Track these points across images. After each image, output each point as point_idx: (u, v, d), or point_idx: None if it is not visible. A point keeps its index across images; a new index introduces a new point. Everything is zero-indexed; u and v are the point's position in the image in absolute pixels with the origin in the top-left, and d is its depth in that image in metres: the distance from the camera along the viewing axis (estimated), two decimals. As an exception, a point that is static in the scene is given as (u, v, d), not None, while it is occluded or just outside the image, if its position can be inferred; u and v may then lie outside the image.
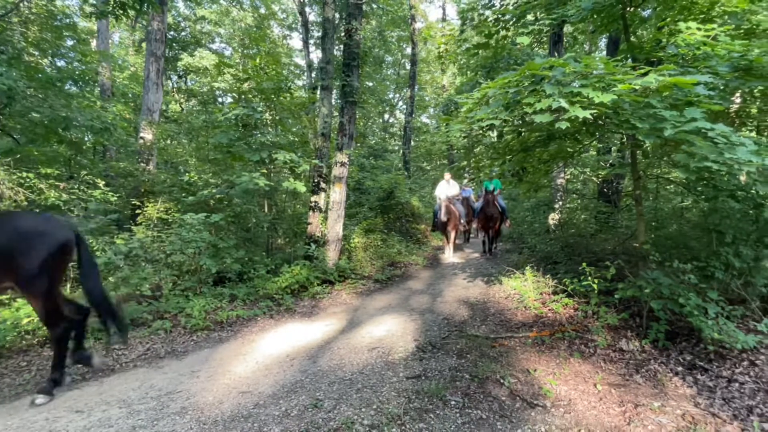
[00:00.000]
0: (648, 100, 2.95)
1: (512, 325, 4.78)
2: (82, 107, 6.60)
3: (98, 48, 12.24)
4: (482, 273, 7.73)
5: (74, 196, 6.88)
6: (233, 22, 20.36)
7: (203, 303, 5.27)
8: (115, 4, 6.58)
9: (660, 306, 3.74)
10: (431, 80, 24.94)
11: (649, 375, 3.39)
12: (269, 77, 7.83)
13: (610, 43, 8.72)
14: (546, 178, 6.57)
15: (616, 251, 5.87)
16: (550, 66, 2.90)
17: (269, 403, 3.09)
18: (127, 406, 3.14)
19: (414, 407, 2.92)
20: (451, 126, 3.76)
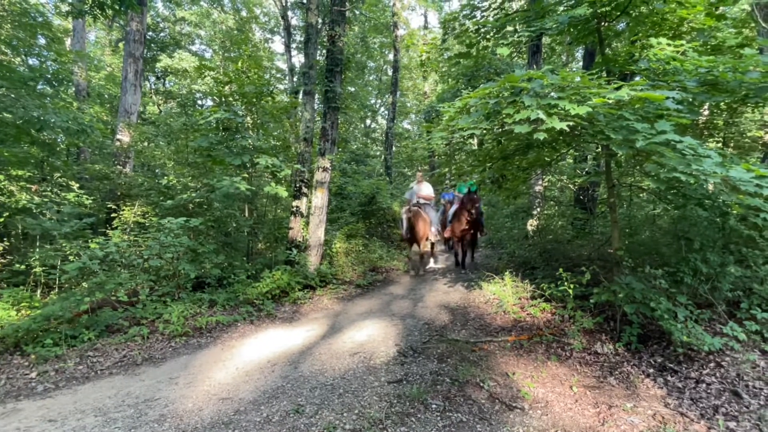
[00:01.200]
0: (621, 113, 3.08)
1: (492, 329, 4.86)
2: (58, 108, 6.44)
3: (73, 47, 11.94)
4: (462, 278, 7.82)
5: (47, 198, 6.70)
6: (214, 24, 20.18)
7: (182, 309, 5.20)
8: (94, 4, 6.46)
9: (633, 310, 3.86)
10: (413, 87, 25.18)
11: (622, 377, 3.50)
12: (251, 81, 7.80)
13: (586, 55, 9.00)
14: (525, 185, 6.72)
15: (592, 257, 6.03)
16: (528, 78, 3.00)
17: (250, 409, 3.07)
18: (103, 414, 3.08)
19: (395, 411, 2.95)
20: (433, 133, 3.83)
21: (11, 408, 3.23)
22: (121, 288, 5.22)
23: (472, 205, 7.56)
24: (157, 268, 5.90)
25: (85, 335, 4.56)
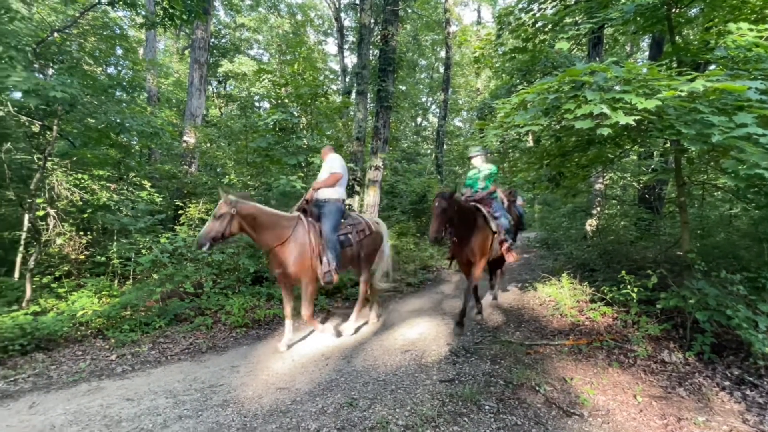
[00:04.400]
0: (694, 105, 2.87)
1: (547, 332, 4.71)
2: (134, 113, 6.99)
3: (145, 56, 12.89)
4: (516, 279, 7.63)
5: (123, 196, 7.28)
6: (271, 28, 20.96)
7: (242, 301, 5.46)
8: (165, 15, 6.94)
9: (706, 317, 3.60)
10: (465, 84, 24.78)
11: (693, 388, 3.27)
12: (306, 83, 8.04)
13: (653, 44, 8.44)
14: (584, 183, 6.42)
15: (658, 259, 5.67)
16: (591, 71, 2.86)
17: (306, 400, 3.18)
18: (173, 396, 3.32)
19: (448, 410, 2.95)
20: (487, 131, 3.76)
21: (95, 386, 3.56)
22: (188, 280, 5.58)
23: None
24: (220, 262, 6.26)
25: (156, 323, 4.92)
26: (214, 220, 3.91)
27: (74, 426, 2.87)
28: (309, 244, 4.30)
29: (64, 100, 4.59)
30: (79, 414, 3.04)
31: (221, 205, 3.95)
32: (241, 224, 4.01)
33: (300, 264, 4.23)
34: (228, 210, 3.93)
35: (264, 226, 4.14)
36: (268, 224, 4.16)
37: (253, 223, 4.08)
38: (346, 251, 4.66)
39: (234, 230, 3.99)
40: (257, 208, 4.14)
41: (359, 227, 4.88)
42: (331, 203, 4.62)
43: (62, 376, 3.77)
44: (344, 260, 4.63)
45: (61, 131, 6.98)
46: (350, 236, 4.73)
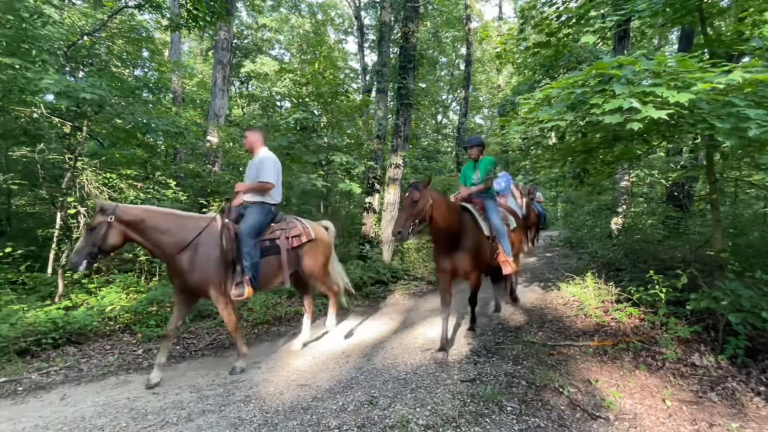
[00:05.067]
0: (729, 99, 2.75)
1: (571, 333, 4.61)
2: (160, 113, 7.16)
3: (170, 57, 13.16)
4: (539, 278, 7.50)
5: (149, 195, 7.46)
6: (292, 28, 21.15)
7: (263, 298, 5.54)
8: (188, 17, 7.07)
9: (739, 319, 3.46)
10: (486, 80, 24.50)
11: (725, 393, 3.15)
12: (327, 81, 8.07)
13: (682, 37, 8.14)
14: (609, 180, 6.26)
15: (687, 259, 5.48)
16: (619, 64, 2.77)
17: (326, 397, 3.20)
18: (197, 391, 3.38)
19: (469, 410, 2.91)
20: (509, 127, 3.70)
21: (123, 379, 3.66)
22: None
23: None
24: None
25: (181, 319, 5.03)
26: (88, 233, 3.28)
27: (103, 418, 2.95)
28: (220, 250, 3.61)
29: (93, 102, 4.73)
30: (108, 406, 3.13)
31: (97, 214, 3.32)
32: (125, 233, 3.35)
33: (203, 273, 3.51)
34: (103, 219, 3.28)
35: (158, 231, 3.46)
36: (164, 228, 3.48)
37: (141, 228, 3.41)
38: (271, 261, 3.90)
39: (115, 241, 3.32)
40: (145, 210, 3.49)
41: (292, 232, 4.09)
42: (256, 204, 3.94)
43: (92, 369, 3.89)
44: (267, 271, 3.88)
45: (91, 132, 7.20)
46: (278, 242, 3.97)
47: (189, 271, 3.49)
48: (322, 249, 4.34)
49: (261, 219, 3.87)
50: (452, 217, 3.98)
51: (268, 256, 3.89)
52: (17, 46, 5.02)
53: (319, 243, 4.30)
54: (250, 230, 3.74)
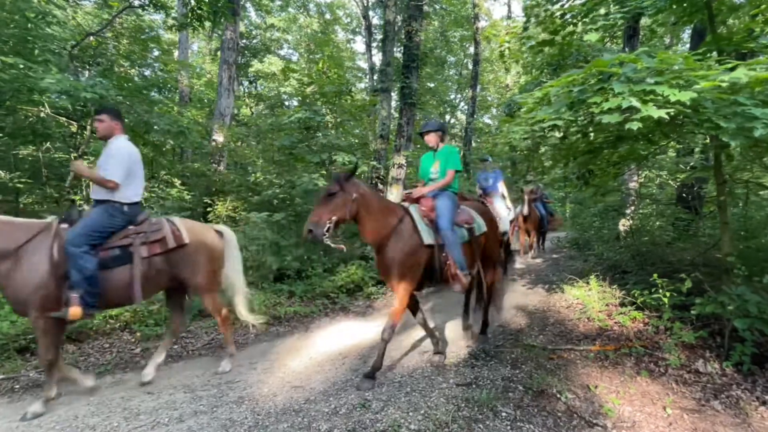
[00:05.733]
0: (735, 98, 2.66)
1: (573, 336, 4.52)
2: (162, 113, 7.20)
3: (179, 57, 13.28)
4: (543, 280, 7.39)
5: (154, 194, 7.51)
6: (300, 28, 21.20)
7: (263, 298, 5.52)
8: (193, 17, 7.10)
9: (746, 325, 3.35)
10: (494, 80, 24.33)
11: (729, 402, 3.05)
12: (331, 81, 8.05)
13: (694, 35, 7.96)
14: (615, 181, 6.14)
15: (696, 262, 5.36)
16: (620, 62, 2.70)
17: (320, 399, 3.16)
18: (191, 391, 3.37)
19: (463, 415, 2.86)
20: (509, 127, 3.63)
21: (118, 378, 3.66)
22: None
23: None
24: (244, 259, 6.34)
25: (180, 318, 5.02)
26: None
27: (96, 417, 2.95)
28: (48, 261, 3.01)
29: (94, 101, 4.75)
30: (102, 405, 3.13)
31: None
32: None
33: (19, 289, 2.95)
34: None
35: None
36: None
37: None
38: (119, 273, 3.22)
39: None
40: None
41: (153, 236, 3.35)
42: (100, 204, 3.27)
43: (89, 367, 3.90)
44: (115, 285, 3.21)
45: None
46: (131, 250, 3.26)
47: (4, 286, 2.97)
48: (207, 257, 3.57)
49: (98, 222, 3.20)
50: (382, 218, 3.42)
51: (117, 268, 3.22)
52: (22, 46, 5.07)
53: (201, 249, 3.53)
54: (76, 237, 3.07)
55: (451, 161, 3.89)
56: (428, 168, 4.02)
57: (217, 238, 3.80)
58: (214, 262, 3.68)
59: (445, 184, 3.85)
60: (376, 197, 3.55)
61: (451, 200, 3.79)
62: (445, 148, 3.98)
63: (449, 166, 3.87)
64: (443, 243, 3.57)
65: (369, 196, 3.44)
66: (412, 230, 3.53)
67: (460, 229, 3.78)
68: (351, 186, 3.33)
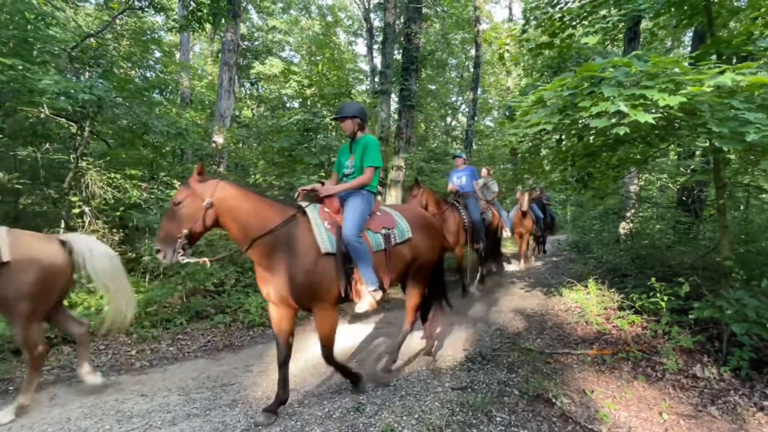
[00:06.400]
0: (729, 101, 2.64)
1: (570, 340, 4.50)
2: (161, 114, 7.21)
3: (181, 59, 13.29)
4: (542, 283, 7.37)
5: (153, 195, 7.51)
6: (301, 30, 21.24)
7: (260, 300, 5.51)
8: (193, 19, 7.12)
9: (744, 330, 3.32)
10: (495, 82, 24.33)
11: (727, 407, 3.03)
12: (330, 83, 8.06)
13: (695, 38, 7.95)
14: (614, 184, 6.11)
15: (696, 266, 5.33)
16: (612, 65, 2.68)
17: (313, 402, 3.15)
18: (185, 394, 3.36)
19: (457, 420, 2.84)
20: (505, 130, 3.62)
21: (113, 380, 3.66)
22: (212, 278, 5.68)
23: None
24: (244, 260, 6.35)
25: (177, 320, 5.03)
26: None
27: (88, 420, 2.95)
28: None
29: (92, 102, 4.76)
30: (95, 408, 3.12)
31: None
32: None
33: None
34: None
35: None
36: None
37: None
38: None
39: None
40: None
41: None
42: None
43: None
44: None
45: (97, 132, 7.29)
46: None
47: None
48: (37, 277, 2.96)
49: None
50: (257, 222, 2.80)
51: None
52: (21, 47, 5.09)
53: (29, 268, 2.93)
54: None
55: (368, 156, 3.27)
56: (344, 161, 3.47)
57: (59, 253, 3.14)
58: (49, 282, 3.03)
59: (359, 183, 3.26)
60: (246, 198, 2.86)
61: (364, 201, 3.22)
62: (362, 139, 3.36)
63: (366, 162, 3.26)
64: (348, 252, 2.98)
65: (233, 197, 2.80)
66: (306, 236, 2.89)
67: (375, 235, 3.22)
68: (204, 189, 2.75)
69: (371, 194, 3.38)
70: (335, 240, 2.95)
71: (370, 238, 3.18)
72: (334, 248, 2.93)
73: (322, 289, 2.91)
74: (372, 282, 3.05)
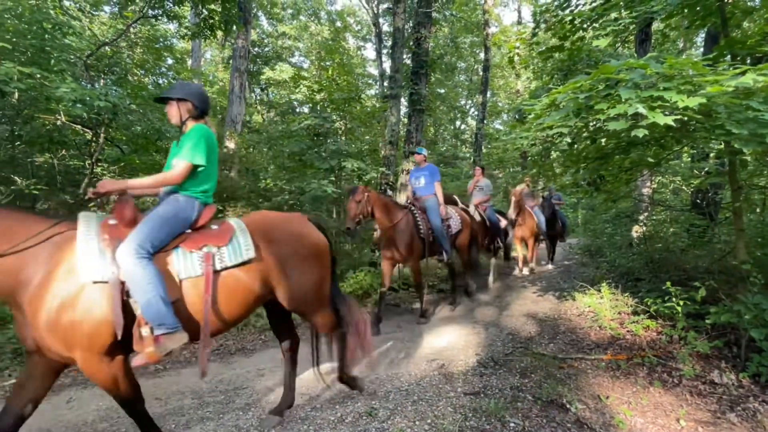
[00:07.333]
0: (748, 103, 2.61)
1: (584, 345, 4.45)
2: (173, 120, 7.32)
3: (192, 66, 13.51)
4: (554, 287, 7.31)
5: (165, 200, 7.61)
6: (311, 36, 21.43)
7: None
8: (205, 26, 7.23)
9: (763, 335, 3.27)
10: (505, 85, 24.30)
11: (746, 414, 2.96)
12: (340, 88, 8.11)
13: (708, 39, 7.85)
14: (627, 187, 6.05)
15: (712, 269, 5.24)
16: (627, 68, 2.67)
17: (326, 407, 3.15)
18: (199, 397, 3.39)
19: (470, 425, 2.82)
20: (516, 133, 3.61)
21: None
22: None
23: None
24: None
25: (191, 323, 5.06)
26: None
27: (105, 422, 2.98)
28: None
29: (107, 109, 4.85)
30: (111, 411, 3.15)
31: None
32: None
33: None
34: None
35: None
36: None
37: None
38: None
39: None
40: None
41: None
42: None
43: (100, 372, 3.93)
44: None
45: (112, 139, 7.41)
46: None
47: None
48: None
49: None
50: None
51: None
52: (39, 56, 5.21)
53: None
54: None
55: (184, 147, 2.51)
56: (169, 161, 2.70)
57: None
58: None
59: (155, 182, 2.51)
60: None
61: (172, 209, 2.44)
62: (192, 130, 2.58)
63: (183, 156, 2.49)
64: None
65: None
66: (65, 258, 2.13)
67: (189, 256, 2.38)
68: None
69: (192, 200, 2.54)
70: (110, 263, 2.15)
71: (175, 261, 2.34)
72: (107, 275, 2.13)
73: (82, 333, 2.08)
74: (161, 321, 2.18)
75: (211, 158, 2.64)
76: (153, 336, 2.19)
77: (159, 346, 2.21)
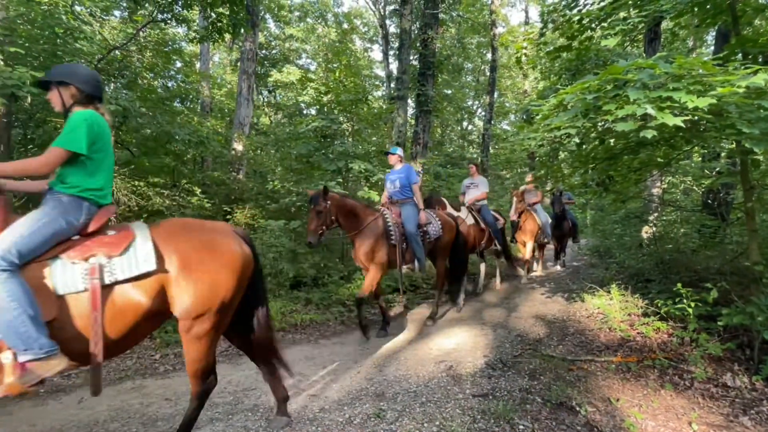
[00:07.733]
0: (759, 102, 2.57)
1: (593, 347, 4.42)
2: (182, 123, 7.39)
3: (201, 69, 13.61)
4: (562, 289, 7.26)
5: (175, 202, 7.68)
6: (318, 38, 21.51)
7: (280, 305, 5.56)
8: (213, 29, 7.29)
9: (776, 338, 3.22)
10: (512, 86, 24.22)
11: (760, 418, 2.92)
12: (347, 89, 8.13)
13: (718, 38, 7.76)
14: (636, 187, 5.99)
15: (723, 270, 5.17)
16: (636, 68, 2.64)
17: (334, 408, 3.15)
18: (208, 398, 3.40)
19: (478, 428, 2.81)
20: (524, 134, 3.59)
21: (138, 384, 3.73)
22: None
23: None
24: (262, 266, 6.43)
25: (199, 324, 5.10)
26: None
27: (115, 422, 3.01)
28: None
29: (117, 112, 4.91)
30: (121, 411, 3.19)
31: None
32: None
33: None
34: None
35: None
36: None
37: None
38: None
39: None
40: None
41: None
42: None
43: (110, 372, 3.98)
44: None
45: (122, 141, 7.50)
46: None
47: None
48: None
49: None
50: None
51: None
52: (51, 60, 5.29)
53: None
54: None
55: (63, 134, 2.12)
56: None
57: None
58: None
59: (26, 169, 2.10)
60: None
61: (48, 211, 2.09)
62: (73, 116, 2.19)
63: (56, 141, 2.11)
64: None
65: None
66: None
67: (71, 268, 2.03)
68: None
69: (79, 200, 2.17)
70: None
71: (54, 273, 2.00)
72: None
73: None
74: (27, 346, 1.85)
75: (100, 149, 2.22)
76: (16, 363, 1.86)
77: (25, 375, 1.86)
